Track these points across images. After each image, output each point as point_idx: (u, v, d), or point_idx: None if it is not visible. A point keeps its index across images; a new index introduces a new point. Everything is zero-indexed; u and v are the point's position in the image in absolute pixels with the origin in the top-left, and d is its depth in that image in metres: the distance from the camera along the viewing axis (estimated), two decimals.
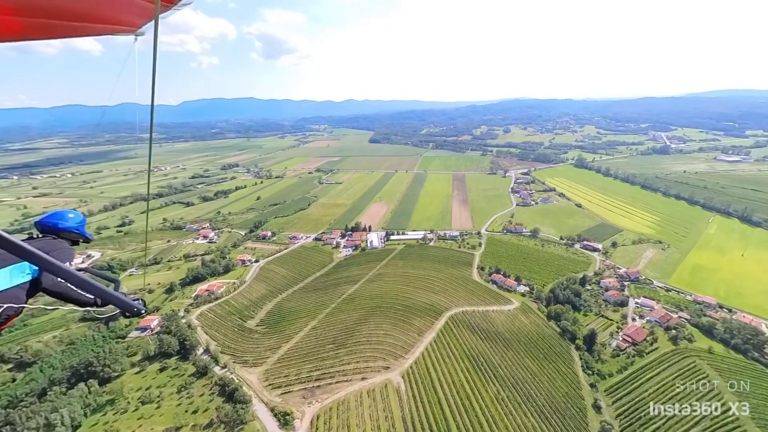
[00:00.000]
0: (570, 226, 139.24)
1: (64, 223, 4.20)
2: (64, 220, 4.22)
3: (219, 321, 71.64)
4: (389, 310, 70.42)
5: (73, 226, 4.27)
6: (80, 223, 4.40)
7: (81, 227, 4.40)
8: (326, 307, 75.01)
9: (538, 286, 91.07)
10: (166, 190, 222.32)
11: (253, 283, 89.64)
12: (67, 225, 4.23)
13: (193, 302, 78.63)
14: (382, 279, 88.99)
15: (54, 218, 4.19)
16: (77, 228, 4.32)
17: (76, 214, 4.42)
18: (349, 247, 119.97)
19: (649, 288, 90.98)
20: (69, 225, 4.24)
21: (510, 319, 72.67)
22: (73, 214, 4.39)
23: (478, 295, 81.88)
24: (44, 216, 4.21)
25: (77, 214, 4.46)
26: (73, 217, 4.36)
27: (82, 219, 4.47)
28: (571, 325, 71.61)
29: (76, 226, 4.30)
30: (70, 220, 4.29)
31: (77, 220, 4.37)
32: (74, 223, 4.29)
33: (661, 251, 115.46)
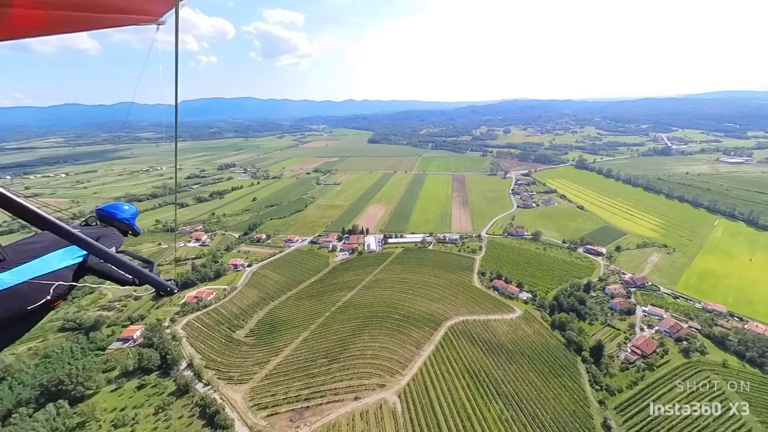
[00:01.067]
0: (572, 229, 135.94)
1: (120, 214, 4.63)
2: (120, 210, 4.65)
3: (206, 331, 67.84)
4: (386, 319, 66.82)
5: (125, 217, 4.66)
6: (132, 215, 4.76)
7: (132, 219, 4.76)
8: (320, 316, 71.35)
9: (541, 293, 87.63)
10: (160, 190, 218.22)
11: (245, 289, 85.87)
12: (122, 215, 4.64)
13: (180, 310, 74.82)
14: (379, 285, 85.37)
15: (111, 208, 4.63)
16: (128, 219, 4.70)
17: (131, 207, 4.82)
18: (345, 251, 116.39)
19: (656, 295, 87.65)
20: (123, 216, 4.65)
21: (513, 329, 69.16)
22: (127, 206, 4.78)
23: (479, 303, 78.34)
24: (104, 205, 4.64)
25: (131, 206, 4.85)
26: (127, 209, 4.76)
27: (134, 212, 4.84)
28: (577, 336, 68.14)
29: (127, 217, 4.68)
30: (125, 211, 4.69)
31: (130, 212, 4.76)
32: (127, 215, 4.68)
33: (666, 256, 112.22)
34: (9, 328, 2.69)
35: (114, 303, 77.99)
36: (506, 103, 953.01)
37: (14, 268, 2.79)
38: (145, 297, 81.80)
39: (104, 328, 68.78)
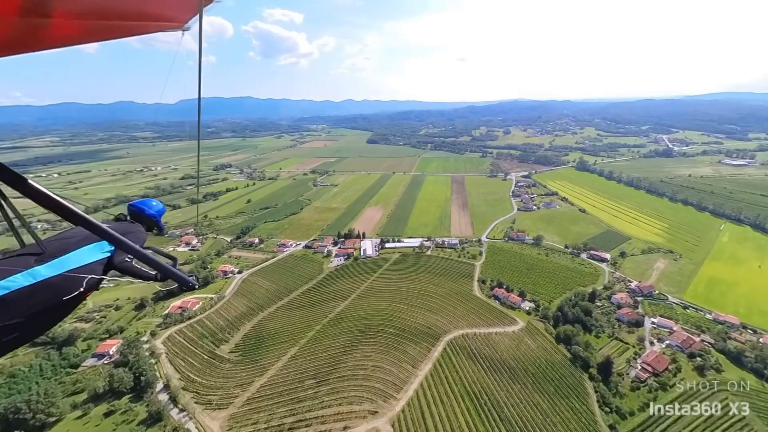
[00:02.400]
0: (575, 233, 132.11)
1: (148, 210, 4.74)
2: (148, 207, 4.78)
3: (188, 347, 63.34)
4: (380, 334, 62.57)
5: (152, 213, 4.77)
6: (158, 212, 4.87)
7: (158, 216, 4.86)
8: (310, 329, 67.04)
9: (544, 302, 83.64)
10: (153, 191, 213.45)
11: (233, 298, 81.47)
12: (150, 212, 4.75)
13: (162, 322, 70.27)
14: (374, 294, 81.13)
15: (141, 204, 4.77)
16: (155, 215, 4.81)
17: (158, 203, 4.93)
18: (341, 256, 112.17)
19: (665, 305, 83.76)
20: (150, 212, 4.76)
21: (515, 344, 65.06)
22: (155, 203, 4.91)
23: (479, 314, 74.22)
24: (136, 201, 4.81)
25: (159, 203, 4.97)
26: (155, 205, 4.89)
27: (161, 208, 4.97)
28: (584, 351, 64.10)
29: (154, 213, 4.78)
30: (153, 207, 4.81)
31: (157, 208, 4.89)
32: (154, 211, 4.78)
33: (673, 262, 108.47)
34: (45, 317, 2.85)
35: (92, 314, 73.39)
36: (505, 103, 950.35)
37: (51, 261, 2.94)
38: (126, 307, 77.32)
39: (79, 342, 64.27)
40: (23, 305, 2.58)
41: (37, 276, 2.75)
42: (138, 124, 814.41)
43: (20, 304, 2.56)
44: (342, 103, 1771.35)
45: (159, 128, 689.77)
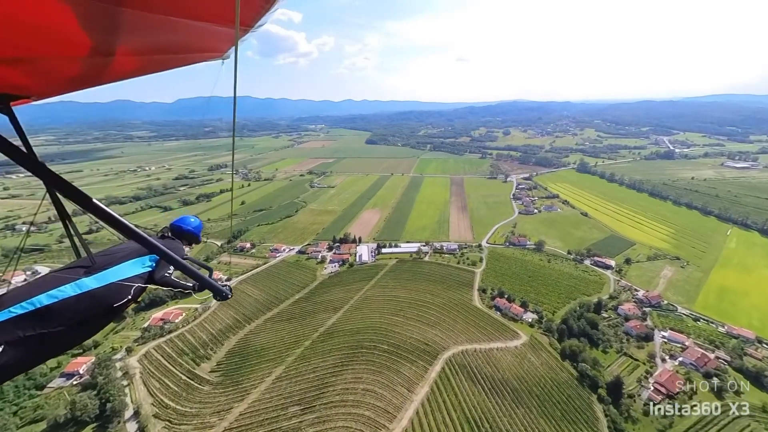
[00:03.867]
0: (577, 238, 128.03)
1: (187, 226, 4.99)
2: (187, 223, 5.02)
3: (165, 365, 58.60)
4: (373, 351, 58.08)
5: (191, 229, 5.01)
6: (196, 227, 5.14)
7: (197, 230, 5.14)
8: (299, 344, 62.49)
9: (547, 313, 79.40)
10: (144, 192, 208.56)
11: (219, 309, 76.83)
12: (188, 228, 4.99)
13: (140, 336, 65.48)
14: (368, 305, 76.64)
15: (180, 222, 5.03)
16: (194, 231, 5.07)
17: (196, 219, 5.19)
18: (335, 262, 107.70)
19: (674, 317, 79.61)
20: (189, 228, 4.99)
21: (518, 361, 60.73)
22: (193, 219, 5.15)
23: (479, 327, 69.85)
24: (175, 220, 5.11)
25: (196, 219, 5.21)
26: (193, 221, 5.12)
27: (198, 223, 5.24)
28: (591, 369, 59.86)
29: (193, 229, 5.04)
30: (191, 224, 5.06)
31: (195, 224, 5.13)
32: (192, 227, 5.04)
33: (680, 269, 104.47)
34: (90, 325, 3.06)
35: None
36: (505, 104, 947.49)
37: (97, 274, 3.17)
38: None
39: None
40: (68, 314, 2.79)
41: (83, 287, 2.97)
42: (134, 123, 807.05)
43: (66, 312, 2.77)
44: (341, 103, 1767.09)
45: (156, 127, 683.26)
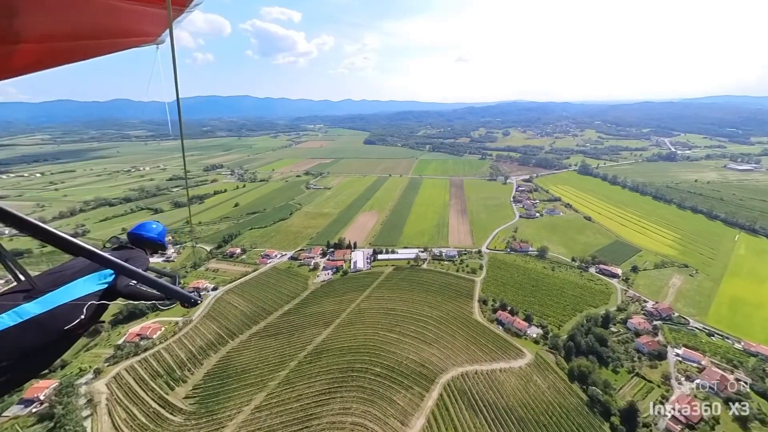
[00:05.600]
0: (581, 244, 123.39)
1: (147, 234, 4.68)
2: (147, 230, 4.72)
3: (136, 390, 53.33)
4: (365, 375, 53.16)
5: (153, 236, 4.72)
6: (159, 233, 4.86)
7: (161, 237, 4.86)
8: (284, 365, 57.52)
9: (553, 327, 74.69)
10: (136, 193, 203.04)
11: (202, 322, 71.72)
12: (149, 235, 4.68)
13: (112, 355, 60.19)
14: (361, 318, 71.72)
15: (139, 229, 4.72)
16: (157, 237, 4.78)
17: (158, 225, 4.90)
18: (329, 269, 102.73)
19: (687, 331, 75.03)
20: (150, 235, 4.69)
21: (523, 384, 55.94)
22: (155, 225, 4.86)
23: (481, 345, 65.01)
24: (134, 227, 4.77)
25: (159, 224, 4.92)
26: (155, 227, 4.84)
27: (162, 229, 4.95)
28: (603, 394, 55.07)
29: (156, 236, 4.76)
30: (152, 230, 4.77)
31: (158, 230, 4.85)
32: (155, 233, 4.76)
33: (689, 278, 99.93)
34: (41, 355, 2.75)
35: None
36: (504, 104, 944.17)
37: (40, 298, 2.85)
38: None
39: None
40: (10, 346, 2.46)
41: (23, 314, 2.63)
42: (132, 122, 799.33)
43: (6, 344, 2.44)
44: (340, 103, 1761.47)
45: (153, 126, 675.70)
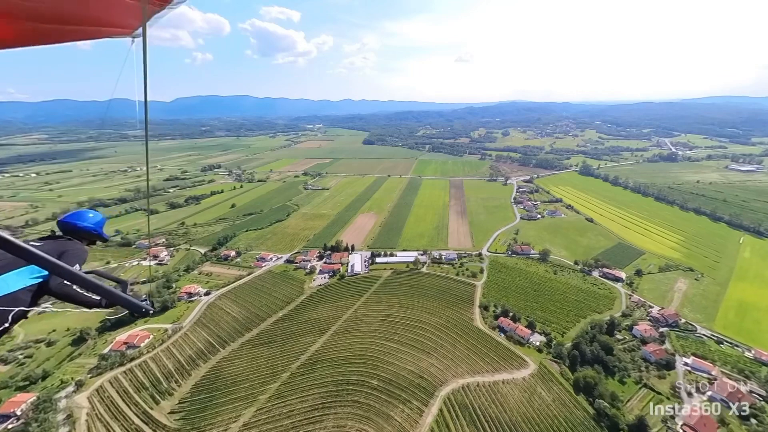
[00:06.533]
0: (584, 246, 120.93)
1: (82, 223, 4.23)
2: (82, 220, 4.26)
3: (119, 404, 50.64)
4: (361, 389, 50.55)
5: (90, 225, 4.27)
6: (97, 223, 4.41)
7: (99, 227, 4.42)
8: (276, 377, 54.87)
9: (556, 334, 72.20)
10: (131, 194, 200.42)
11: (192, 330, 69.00)
12: (85, 225, 4.24)
13: (96, 366, 57.41)
14: (358, 326, 69.12)
15: (73, 218, 4.25)
16: (95, 228, 4.33)
17: (96, 214, 4.47)
18: (325, 273, 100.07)
19: (695, 338, 72.57)
20: (86, 225, 4.25)
21: (527, 397, 53.41)
22: (92, 214, 4.43)
23: (482, 355, 62.44)
24: (65, 215, 4.29)
25: (96, 214, 4.49)
26: (92, 216, 4.39)
27: (100, 219, 4.50)
28: (610, 407, 52.58)
29: (93, 226, 4.30)
30: (89, 219, 4.31)
31: (95, 220, 4.39)
32: (92, 223, 4.29)
33: (694, 282, 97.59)
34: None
35: (16, 352, 60.42)
36: (504, 104, 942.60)
37: None
38: (61, 342, 64.55)
39: None
40: None
41: None
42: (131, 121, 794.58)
43: None
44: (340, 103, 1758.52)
45: (152, 126, 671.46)
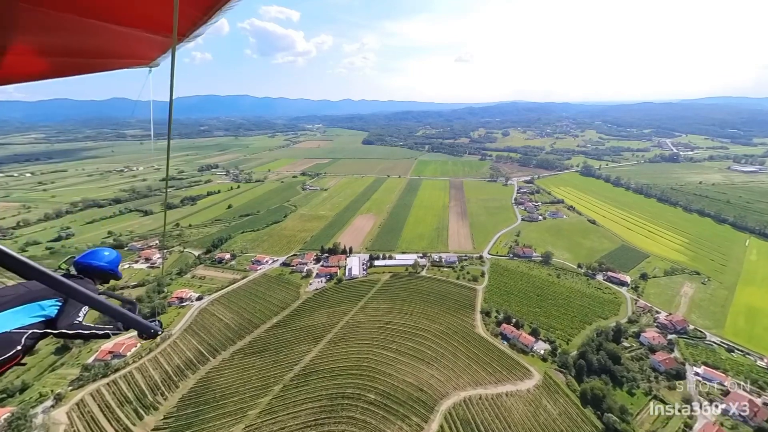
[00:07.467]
0: (587, 249, 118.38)
1: (97, 263, 4.36)
2: (97, 259, 4.38)
3: (99, 420, 47.68)
4: (357, 404, 47.76)
5: (104, 265, 4.40)
6: (111, 261, 4.54)
7: (113, 266, 4.56)
8: (267, 390, 52.06)
9: (561, 342, 69.52)
10: (126, 194, 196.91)
11: (182, 337, 66.12)
12: (99, 264, 4.38)
13: (78, 377, 54.49)
14: (354, 334, 66.34)
15: (88, 258, 4.38)
16: (109, 267, 4.46)
17: (111, 252, 4.59)
18: (322, 276, 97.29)
19: (704, 346, 70.00)
20: (101, 264, 4.39)
21: (532, 410, 50.70)
22: (108, 252, 4.55)
23: (485, 364, 59.73)
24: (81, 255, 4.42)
25: (111, 251, 4.61)
26: (107, 255, 4.50)
27: (115, 257, 4.63)
28: (620, 422, 49.87)
29: (107, 265, 4.43)
30: (104, 258, 4.43)
31: (109, 258, 4.51)
32: (106, 262, 4.43)
33: (701, 286, 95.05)
34: None
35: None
36: (504, 104, 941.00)
37: None
38: (44, 350, 61.59)
39: None
40: None
41: None
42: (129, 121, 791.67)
43: None
44: (339, 103, 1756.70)
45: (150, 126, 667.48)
